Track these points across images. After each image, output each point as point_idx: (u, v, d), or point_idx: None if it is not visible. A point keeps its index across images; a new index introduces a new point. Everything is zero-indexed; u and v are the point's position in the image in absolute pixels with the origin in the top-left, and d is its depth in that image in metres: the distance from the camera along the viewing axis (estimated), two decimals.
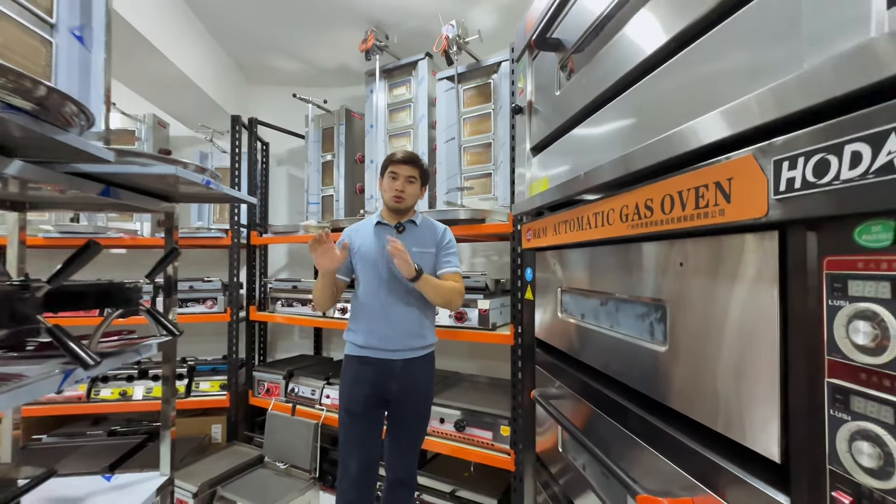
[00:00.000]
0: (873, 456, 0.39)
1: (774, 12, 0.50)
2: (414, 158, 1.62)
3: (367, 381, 1.54)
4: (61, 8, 1.15)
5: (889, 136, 0.37)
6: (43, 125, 0.63)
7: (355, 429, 1.54)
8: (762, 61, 0.51)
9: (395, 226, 1.62)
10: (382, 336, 1.54)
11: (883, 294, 0.39)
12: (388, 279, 1.56)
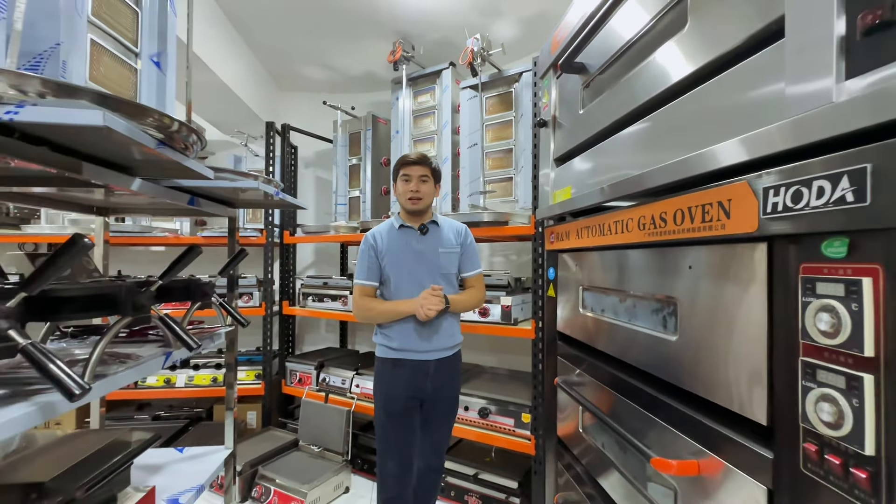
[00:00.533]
0: (831, 413, 0.52)
1: (767, 72, 0.63)
2: (423, 158, 1.66)
3: (404, 383, 1.59)
4: (143, 38, 1.32)
5: (842, 177, 0.50)
6: (175, 153, 0.78)
7: (395, 430, 1.59)
8: (757, 107, 0.64)
9: (419, 228, 1.66)
10: (417, 338, 1.59)
11: (839, 293, 0.52)
12: (421, 282, 1.61)
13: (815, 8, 0.55)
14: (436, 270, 1.64)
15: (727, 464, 0.70)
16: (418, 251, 1.64)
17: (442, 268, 1.65)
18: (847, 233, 0.51)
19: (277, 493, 2.09)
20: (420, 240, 1.65)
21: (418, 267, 1.63)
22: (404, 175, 1.65)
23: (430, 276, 1.62)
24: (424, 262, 1.64)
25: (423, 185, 1.63)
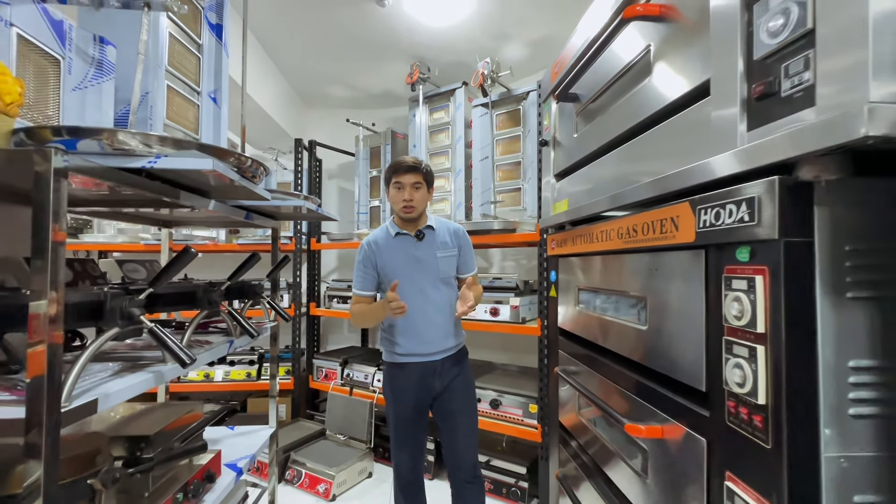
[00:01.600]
0: (740, 376, 0.71)
1: (702, 119, 0.82)
2: (415, 165, 1.63)
3: (413, 385, 1.63)
4: (203, 79, 1.57)
5: (742, 203, 0.69)
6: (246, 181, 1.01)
7: (406, 429, 1.66)
8: (699, 143, 0.83)
9: (416, 234, 1.67)
10: (421, 341, 1.62)
11: (744, 287, 0.70)
12: (420, 289, 1.63)
13: (727, 76, 0.74)
14: (435, 276, 1.66)
15: (680, 425, 0.88)
16: (417, 257, 1.65)
17: (441, 272, 1.67)
18: (748, 243, 0.70)
19: (308, 476, 2.32)
20: (417, 246, 1.66)
21: (418, 273, 1.64)
22: (396, 182, 1.63)
23: (431, 281, 1.65)
24: (424, 268, 1.65)
25: (416, 193, 1.62)
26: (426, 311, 1.63)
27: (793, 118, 0.63)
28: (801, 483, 0.63)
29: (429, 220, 1.71)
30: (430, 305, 1.64)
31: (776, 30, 0.65)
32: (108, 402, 0.76)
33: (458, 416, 1.66)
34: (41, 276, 0.64)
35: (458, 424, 1.66)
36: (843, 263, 0.63)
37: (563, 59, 1.55)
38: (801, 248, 0.64)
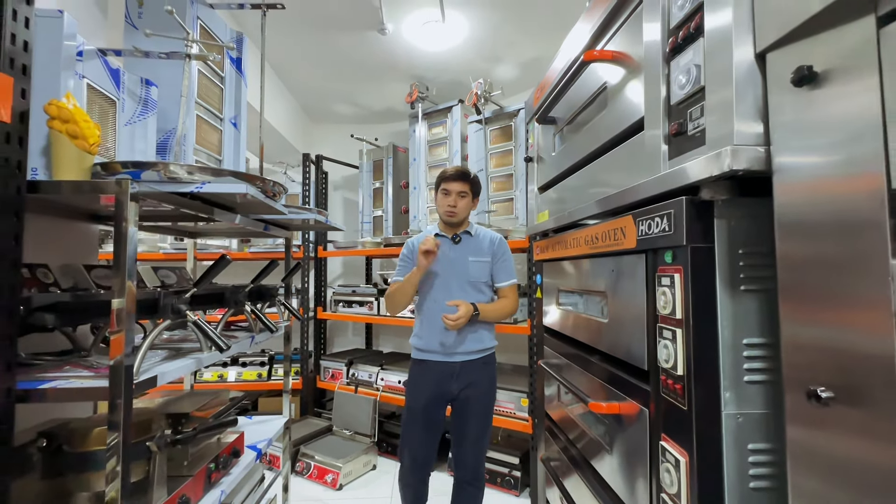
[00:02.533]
0: (666, 354, 0.89)
1: (640, 149, 1.01)
2: (464, 174, 1.75)
3: (430, 382, 1.68)
4: (225, 106, 1.77)
5: (664, 217, 0.87)
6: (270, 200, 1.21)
7: (414, 425, 1.69)
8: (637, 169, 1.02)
9: (452, 237, 1.77)
10: (442, 341, 1.67)
11: (668, 283, 0.88)
12: (449, 288, 1.70)
13: (655, 115, 0.93)
14: (464, 278, 1.73)
15: (631, 400, 1.06)
16: (450, 259, 1.74)
17: (470, 276, 1.73)
18: (670, 248, 0.88)
19: (317, 467, 2.49)
20: (453, 248, 1.74)
21: (448, 273, 1.72)
22: (444, 189, 1.75)
23: (458, 282, 1.71)
24: (454, 270, 1.73)
25: (460, 200, 1.73)
26: (449, 311, 1.67)
27: (695, 152, 0.81)
28: (707, 436, 0.81)
29: (470, 227, 1.79)
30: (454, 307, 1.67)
31: (682, 84, 0.84)
32: (164, 379, 0.95)
33: (471, 421, 1.69)
34: (120, 279, 0.83)
35: (469, 429, 1.68)
36: (737, 263, 0.81)
37: (543, 86, 1.75)
38: (704, 252, 0.82)
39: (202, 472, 1.16)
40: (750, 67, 0.71)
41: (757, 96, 0.71)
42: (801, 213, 0.64)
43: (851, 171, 0.56)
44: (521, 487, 2.35)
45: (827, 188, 0.60)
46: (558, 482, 1.55)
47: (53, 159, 0.88)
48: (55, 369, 0.92)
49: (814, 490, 0.63)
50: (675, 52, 0.88)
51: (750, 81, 0.71)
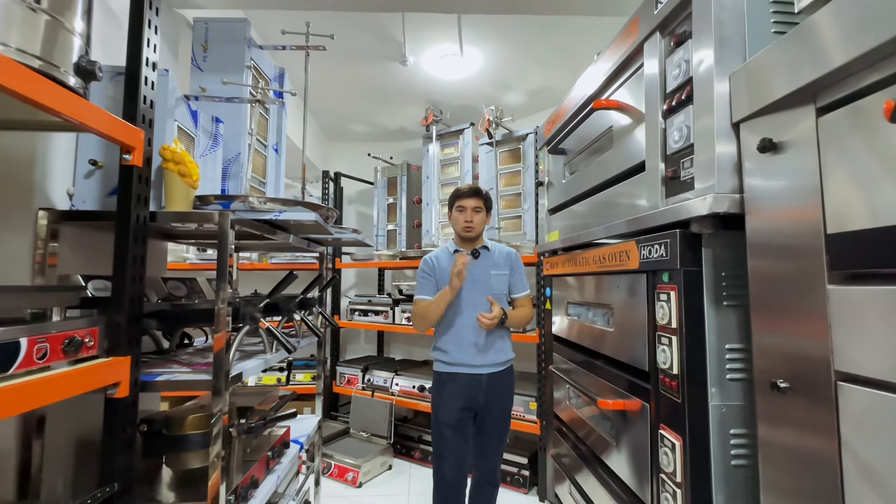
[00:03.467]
0: (664, 357, 1.08)
1: (641, 186, 1.22)
2: (477, 191, 1.81)
3: (459, 395, 1.70)
4: (269, 135, 1.97)
5: (662, 245, 1.07)
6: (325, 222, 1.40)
7: (451, 439, 1.69)
8: (638, 204, 1.22)
9: (472, 252, 1.81)
10: (470, 353, 1.71)
11: (665, 299, 1.08)
12: (473, 303, 1.74)
13: (654, 161, 1.14)
14: (488, 291, 1.77)
15: (634, 397, 1.25)
16: (472, 273, 1.76)
17: (494, 288, 1.78)
18: (667, 270, 1.08)
19: (337, 466, 2.66)
20: (473, 263, 1.78)
21: (472, 288, 1.75)
22: (459, 206, 1.80)
23: (483, 296, 1.75)
24: (478, 284, 1.76)
25: (476, 216, 1.79)
26: (474, 324, 1.71)
27: (686, 195, 1.02)
28: (697, 424, 1.00)
29: (485, 243, 1.86)
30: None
31: (676, 139, 1.05)
32: (245, 375, 1.13)
33: (493, 428, 1.76)
34: (223, 290, 1.02)
35: (491, 435, 1.76)
36: (720, 283, 1.01)
37: (554, 119, 1.97)
38: (694, 274, 1.02)
39: (263, 458, 1.34)
40: (728, 133, 0.92)
41: (733, 155, 0.92)
42: (765, 244, 0.85)
43: (800, 218, 0.76)
44: (529, 486, 2.51)
45: (783, 227, 0.80)
46: (569, 475, 1.73)
47: (167, 194, 1.07)
48: (159, 366, 1.10)
49: (777, 459, 0.82)
50: (671, 112, 1.09)
51: (727, 143, 0.92)
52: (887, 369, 0.63)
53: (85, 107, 0.81)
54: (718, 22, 0.94)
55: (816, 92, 0.74)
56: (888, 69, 0.62)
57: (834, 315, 0.70)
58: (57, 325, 0.78)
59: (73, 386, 0.79)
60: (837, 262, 0.71)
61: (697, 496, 1.00)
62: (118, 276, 0.93)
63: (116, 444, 0.90)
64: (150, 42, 0.99)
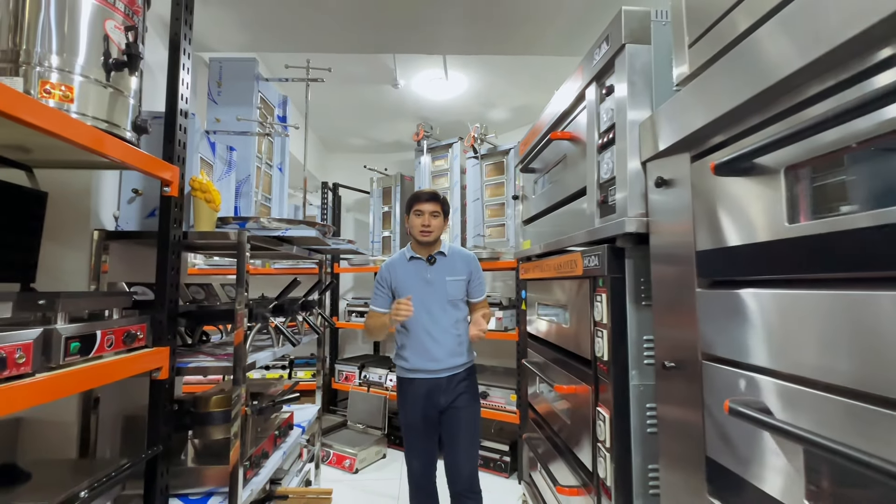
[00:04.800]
0: (599, 347, 1.33)
1: (584, 208, 1.47)
2: (434, 195, 1.82)
3: (420, 399, 1.77)
4: (274, 156, 2.23)
5: (596, 257, 1.33)
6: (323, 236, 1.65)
7: (415, 438, 1.80)
8: (582, 221, 1.48)
9: (427, 258, 1.82)
10: (427, 358, 1.75)
11: (600, 300, 1.33)
12: (427, 309, 1.77)
13: (592, 187, 1.39)
14: (443, 298, 1.80)
15: (581, 382, 1.50)
16: (427, 280, 1.80)
17: (449, 295, 1.81)
18: (601, 277, 1.33)
19: (335, 454, 2.90)
20: (429, 269, 1.81)
21: (427, 295, 1.78)
22: (417, 210, 1.81)
23: (438, 302, 1.78)
24: (433, 291, 1.80)
25: (433, 220, 1.79)
26: (432, 331, 1.76)
27: (610, 217, 1.27)
28: (621, 400, 1.25)
29: (442, 247, 1.87)
30: (436, 325, 1.77)
31: (605, 171, 1.30)
32: (257, 364, 1.38)
33: (460, 431, 1.77)
34: (240, 293, 1.28)
35: (459, 439, 1.76)
36: (639, 287, 1.26)
37: (527, 140, 2.22)
38: (619, 280, 1.27)
39: (272, 436, 1.58)
40: (638, 171, 1.17)
41: (642, 187, 1.17)
42: (661, 257, 1.10)
43: (680, 238, 1.01)
44: (511, 471, 2.76)
45: (671, 245, 1.05)
46: (538, 457, 1.98)
47: (195, 216, 1.32)
48: (189, 356, 1.35)
49: (669, 419, 1.07)
50: (602, 149, 1.34)
51: (637, 179, 1.17)
52: (731, 350, 0.88)
53: (139, 154, 1.06)
54: (631, 82, 1.20)
55: (689, 144, 0.99)
56: (719, 138, 0.88)
57: (700, 311, 0.95)
58: (118, 322, 1.03)
59: (131, 368, 1.04)
60: (702, 271, 0.96)
61: (621, 459, 1.25)
62: (160, 283, 1.18)
63: (159, 416, 1.15)
64: (183, 96, 1.25)
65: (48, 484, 0.94)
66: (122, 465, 1.01)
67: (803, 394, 0.68)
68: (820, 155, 0.68)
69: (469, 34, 1.88)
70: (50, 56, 0.93)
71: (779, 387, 0.73)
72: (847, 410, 0.61)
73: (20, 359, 0.77)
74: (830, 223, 0.65)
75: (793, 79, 0.69)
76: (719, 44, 0.89)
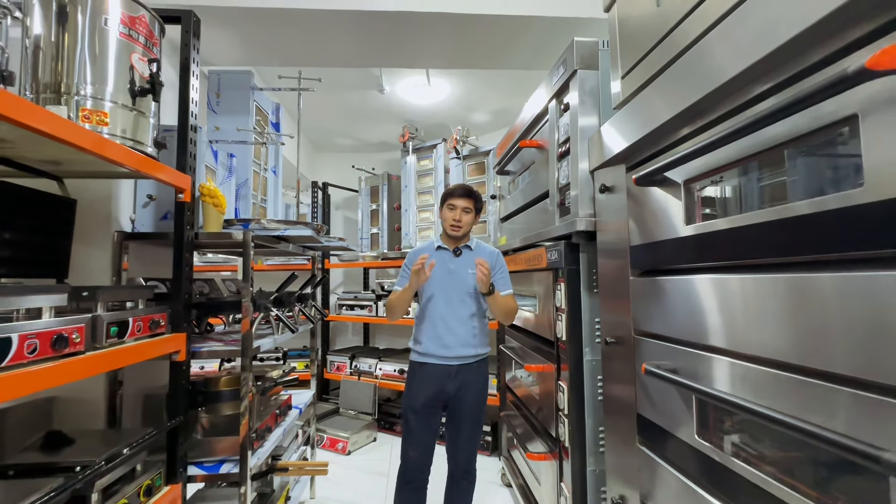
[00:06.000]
0: (560, 329, 1.54)
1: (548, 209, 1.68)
2: (469, 191, 1.81)
3: (428, 383, 1.75)
4: (269, 159, 2.39)
5: (555, 251, 1.54)
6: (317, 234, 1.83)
7: (415, 423, 1.76)
8: (547, 220, 1.69)
9: (454, 250, 1.82)
10: (441, 345, 1.75)
11: (560, 289, 1.54)
12: (447, 298, 1.78)
13: (553, 190, 1.60)
14: (464, 289, 1.78)
15: (547, 361, 1.71)
16: (451, 270, 1.79)
17: (470, 287, 1.78)
18: (560, 269, 1.54)
19: (329, 438, 3.10)
20: (454, 260, 1.80)
21: (449, 284, 1.79)
22: (450, 204, 1.81)
23: (459, 293, 1.78)
24: (455, 281, 1.79)
25: (465, 216, 1.80)
26: (448, 319, 1.76)
27: (568, 217, 1.48)
28: (576, 373, 1.47)
29: (470, 242, 1.86)
30: (453, 315, 1.77)
31: (562, 178, 1.51)
32: (263, 348, 1.57)
33: (465, 419, 1.78)
34: (246, 287, 1.46)
35: (462, 427, 1.79)
36: (591, 277, 1.48)
37: (502, 145, 2.42)
38: (575, 272, 1.48)
39: (273, 414, 1.77)
40: (587, 177, 1.38)
41: (591, 192, 1.38)
42: (605, 251, 1.31)
43: (618, 235, 1.22)
44: (492, 449, 2.98)
45: (612, 241, 1.26)
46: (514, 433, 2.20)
47: (204, 218, 1.50)
48: (200, 342, 1.53)
49: (611, 386, 1.29)
50: (560, 158, 1.55)
51: (587, 185, 1.38)
52: (654, 326, 1.09)
53: (159, 167, 1.23)
54: (582, 101, 1.40)
55: (624, 157, 1.20)
56: (645, 153, 1.09)
57: (632, 295, 1.17)
58: (145, 311, 1.21)
59: (155, 350, 1.22)
60: (633, 262, 1.17)
61: (577, 423, 1.47)
62: (176, 277, 1.35)
63: (178, 392, 1.34)
64: (193, 113, 1.42)
65: (90, 446, 1.12)
66: (150, 432, 1.19)
67: (701, 357, 0.90)
68: (703, 173, 0.89)
69: (446, 52, 2.07)
70: (85, 86, 1.10)
71: (685, 352, 0.95)
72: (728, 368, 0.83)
73: (76, 339, 0.95)
74: (711, 224, 0.86)
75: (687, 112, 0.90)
76: (642, 78, 1.09)
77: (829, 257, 0.63)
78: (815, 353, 0.63)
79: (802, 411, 0.64)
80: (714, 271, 0.87)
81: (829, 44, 0.61)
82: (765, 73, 0.72)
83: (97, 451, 1.08)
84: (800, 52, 0.65)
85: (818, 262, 0.65)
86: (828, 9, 0.57)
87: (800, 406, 0.65)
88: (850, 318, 0.58)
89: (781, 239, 0.70)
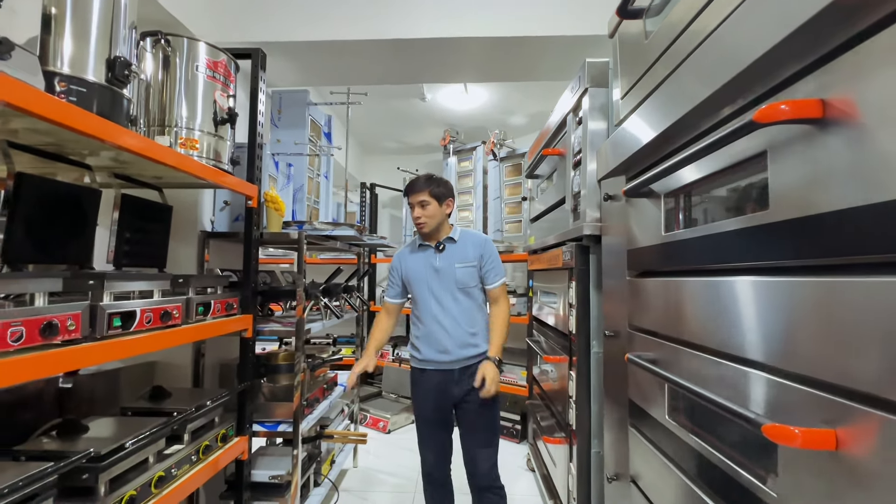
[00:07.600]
0: (572, 323, 1.70)
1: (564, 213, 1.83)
2: (415, 185, 1.72)
3: (432, 390, 1.70)
4: (322, 166, 2.69)
5: (568, 252, 1.69)
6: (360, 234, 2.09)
7: (427, 429, 1.75)
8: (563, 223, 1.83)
9: (436, 245, 1.73)
10: (439, 349, 1.67)
11: (573, 287, 1.69)
12: (437, 298, 1.70)
13: (568, 197, 1.74)
14: (453, 285, 1.70)
15: (562, 353, 1.86)
16: (436, 268, 1.71)
17: (459, 282, 1.70)
18: (573, 268, 1.69)
19: (372, 417, 3.40)
20: (437, 257, 1.71)
21: (436, 283, 1.71)
22: (409, 204, 1.76)
23: (448, 290, 1.70)
24: (442, 279, 1.71)
25: (423, 210, 1.69)
26: (442, 321, 1.68)
27: (579, 221, 1.63)
28: (584, 363, 1.62)
29: (452, 233, 1.75)
30: (446, 315, 1.69)
31: (576, 185, 1.65)
32: (312, 332, 1.85)
33: (476, 425, 1.68)
34: (300, 279, 1.74)
35: (475, 433, 1.68)
36: (599, 276, 1.61)
37: (532, 150, 2.57)
38: (585, 271, 1.63)
39: (321, 388, 2.07)
40: (595, 186, 1.52)
41: (599, 199, 1.52)
42: (608, 253, 1.45)
43: (619, 239, 1.36)
44: (521, 437, 3.15)
45: (614, 244, 1.40)
46: (535, 420, 2.36)
47: (268, 220, 1.80)
48: (263, 323, 1.84)
49: (610, 374, 1.43)
50: (575, 166, 1.69)
51: (595, 193, 1.52)
52: (644, 321, 1.23)
53: (234, 180, 1.53)
54: (593, 117, 1.54)
55: (624, 169, 1.34)
56: (640, 167, 1.23)
57: (629, 294, 1.31)
58: (222, 295, 1.51)
59: (229, 327, 1.52)
60: (630, 264, 1.31)
61: (582, 408, 1.62)
62: (245, 269, 1.66)
63: (247, 363, 1.64)
64: (260, 134, 1.71)
65: (183, 400, 1.44)
66: (226, 392, 1.50)
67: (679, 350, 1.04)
68: (678, 188, 1.03)
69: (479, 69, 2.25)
70: (181, 119, 1.41)
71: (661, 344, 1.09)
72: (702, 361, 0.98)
73: (176, 315, 1.25)
74: (674, 235, 1.00)
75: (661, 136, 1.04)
76: (636, 99, 1.23)
77: (757, 265, 0.77)
78: (728, 341, 0.77)
79: (722, 388, 0.78)
80: (679, 275, 1.01)
81: (764, 82, 0.74)
82: (721, 104, 0.85)
83: (189, 402, 1.39)
84: (747, 84, 0.78)
85: (752, 270, 0.79)
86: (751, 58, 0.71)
87: (723, 385, 0.79)
88: (767, 316, 0.72)
89: (724, 249, 0.83)
